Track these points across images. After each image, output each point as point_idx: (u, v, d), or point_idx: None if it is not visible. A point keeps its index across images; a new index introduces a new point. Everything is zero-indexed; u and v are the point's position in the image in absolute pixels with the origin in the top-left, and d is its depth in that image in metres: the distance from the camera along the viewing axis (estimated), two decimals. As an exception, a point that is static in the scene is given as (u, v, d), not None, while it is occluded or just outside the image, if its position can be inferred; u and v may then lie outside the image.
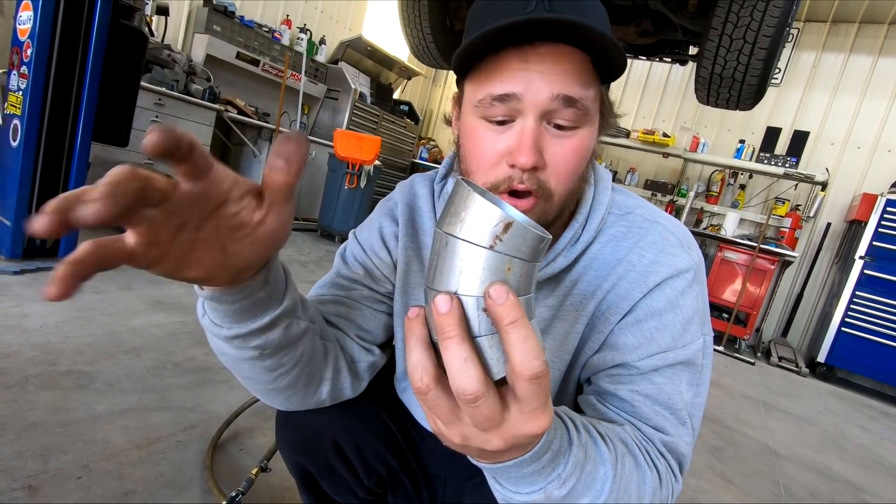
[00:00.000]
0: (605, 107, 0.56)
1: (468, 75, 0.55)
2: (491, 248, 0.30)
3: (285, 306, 0.48)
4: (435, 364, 0.33)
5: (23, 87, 2.11)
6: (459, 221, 0.31)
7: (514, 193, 0.53)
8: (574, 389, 0.66)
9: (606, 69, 0.52)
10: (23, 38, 2.11)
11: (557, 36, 0.49)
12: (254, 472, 1.15)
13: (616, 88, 6.00)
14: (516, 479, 0.39)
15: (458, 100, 0.59)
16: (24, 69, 2.11)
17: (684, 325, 0.56)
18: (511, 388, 0.32)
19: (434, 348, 0.33)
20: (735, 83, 2.13)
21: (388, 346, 0.76)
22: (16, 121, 2.14)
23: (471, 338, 0.31)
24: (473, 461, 0.39)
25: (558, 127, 0.51)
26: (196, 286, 0.42)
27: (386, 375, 0.77)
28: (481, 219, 0.30)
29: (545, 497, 0.39)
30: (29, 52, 2.08)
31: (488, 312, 0.31)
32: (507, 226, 0.30)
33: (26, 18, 2.10)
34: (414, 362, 0.33)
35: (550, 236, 0.32)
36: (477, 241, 0.30)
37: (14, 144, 2.14)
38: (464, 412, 0.33)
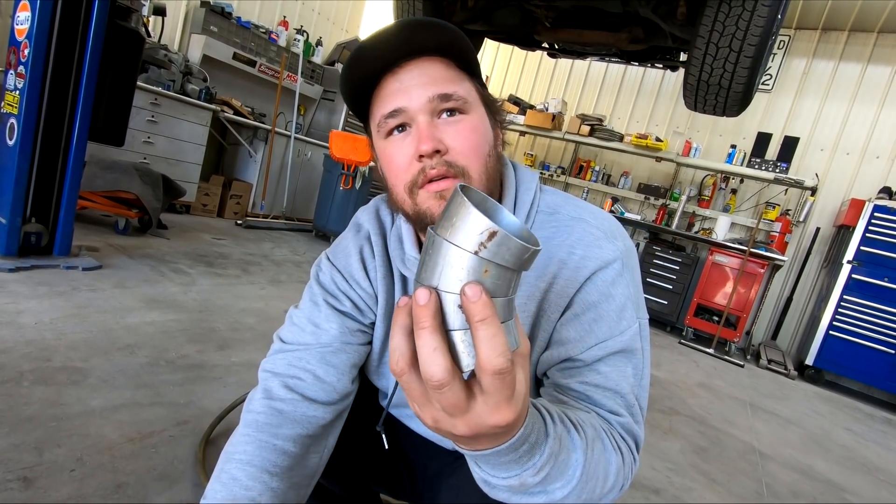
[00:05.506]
0: (485, 97, 0.64)
1: (368, 114, 0.65)
2: (475, 253, 0.32)
3: None
4: (412, 350, 0.35)
5: (20, 86, 2.13)
6: (451, 226, 0.33)
7: (432, 181, 0.59)
8: (535, 385, 0.69)
9: (467, 66, 0.62)
10: (20, 37, 2.13)
11: (419, 52, 0.59)
12: (244, 466, 1.18)
13: (610, 93, 6.07)
14: (494, 465, 0.42)
15: (370, 140, 0.67)
16: (21, 69, 2.13)
17: (619, 312, 0.60)
18: (478, 380, 0.34)
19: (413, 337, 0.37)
20: (721, 90, 2.17)
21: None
22: (12, 119, 2.15)
23: (445, 330, 0.34)
24: (456, 447, 0.43)
25: (449, 113, 0.59)
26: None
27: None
28: (468, 226, 0.32)
29: (520, 482, 0.43)
30: (26, 51, 2.10)
31: (463, 309, 0.33)
32: (492, 234, 0.32)
33: (24, 19, 2.12)
34: (394, 346, 0.36)
35: (539, 248, 0.34)
36: (462, 246, 0.32)
37: (10, 143, 2.16)
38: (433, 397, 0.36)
